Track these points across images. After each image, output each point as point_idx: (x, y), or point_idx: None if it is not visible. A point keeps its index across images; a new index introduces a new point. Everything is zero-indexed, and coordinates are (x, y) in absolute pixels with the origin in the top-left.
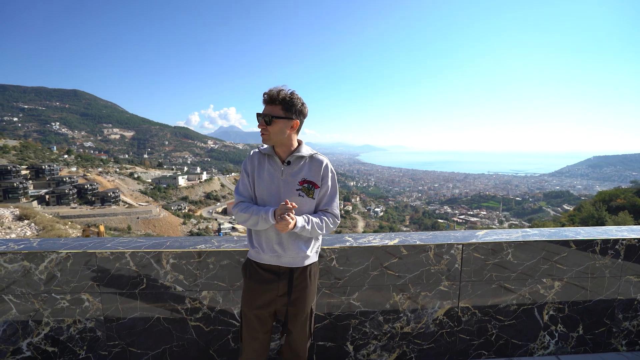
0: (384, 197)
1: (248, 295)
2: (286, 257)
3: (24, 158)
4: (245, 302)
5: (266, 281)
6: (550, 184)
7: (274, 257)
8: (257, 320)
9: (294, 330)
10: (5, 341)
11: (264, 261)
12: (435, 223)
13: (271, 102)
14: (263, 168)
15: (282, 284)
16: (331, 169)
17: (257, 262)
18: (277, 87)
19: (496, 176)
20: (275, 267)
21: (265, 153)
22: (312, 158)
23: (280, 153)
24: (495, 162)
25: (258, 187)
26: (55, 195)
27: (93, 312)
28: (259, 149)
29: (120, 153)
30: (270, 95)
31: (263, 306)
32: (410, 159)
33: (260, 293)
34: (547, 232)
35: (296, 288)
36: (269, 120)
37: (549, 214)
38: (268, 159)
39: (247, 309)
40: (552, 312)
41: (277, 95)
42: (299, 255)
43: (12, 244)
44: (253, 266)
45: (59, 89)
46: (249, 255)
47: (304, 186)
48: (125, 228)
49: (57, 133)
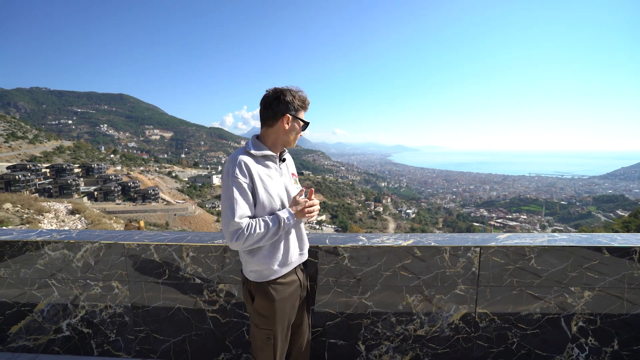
0: (416, 198)
1: (280, 314)
2: (306, 247)
3: (76, 157)
4: (278, 322)
5: (294, 287)
6: (602, 187)
7: (301, 255)
8: (289, 329)
9: (303, 317)
10: (49, 320)
11: (291, 267)
12: (470, 226)
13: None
14: (267, 173)
15: (301, 275)
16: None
17: (282, 275)
18: (298, 89)
19: (538, 178)
20: (298, 267)
21: (261, 155)
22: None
23: (276, 151)
24: (538, 162)
25: (266, 196)
26: (102, 191)
27: (122, 298)
28: (249, 152)
29: (159, 153)
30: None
31: (295, 310)
32: (444, 159)
33: (292, 301)
34: (577, 237)
35: (307, 270)
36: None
37: (599, 220)
38: (265, 160)
39: (283, 326)
40: (581, 324)
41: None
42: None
43: (55, 234)
44: (277, 283)
45: (107, 94)
46: (268, 276)
47: (295, 178)
48: (164, 224)
49: (105, 134)
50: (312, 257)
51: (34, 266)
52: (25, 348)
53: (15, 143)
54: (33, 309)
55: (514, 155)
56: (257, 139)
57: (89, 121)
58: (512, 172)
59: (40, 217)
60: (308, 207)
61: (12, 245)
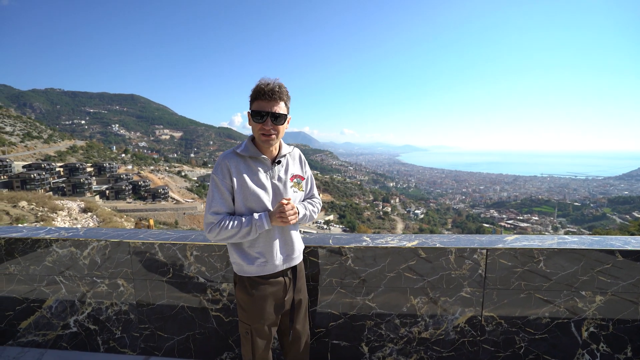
0: (425, 198)
1: (257, 311)
2: (295, 253)
3: (89, 157)
4: (254, 317)
5: (276, 288)
6: (617, 189)
7: (286, 259)
8: (269, 329)
9: (298, 321)
10: (57, 316)
11: (272, 270)
12: (480, 227)
13: (279, 98)
14: (249, 173)
15: (287, 279)
16: (303, 157)
17: (261, 275)
18: (272, 80)
19: (551, 179)
20: (284, 270)
21: (247, 155)
22: (290, 152)
23: (267, 153)
24: (550, 163)
25: (245, 197)
26: (114, 190)
27: (127, 296)
28: (236, 152)
29: (169, 152)
30: (274, 90)
31: (277, 312)
32: (453, 159)
33: (273, 301)
34: (588, 239)
35: (299, 275)
36: (284, 120)
37: (614, 222)
38: (253, 161)
39: (260, 324)
40: (592, 329)
41: (280, 90)
42: (302, 247)
43: (63, 231)
44: (255, 281)
45: (118, 94)
46: (247, 272)
47: (295, 181)
48: (173, 223)
49: (116, 134)
50: (313, 257)
51: (43, 263)
52: (34, 343)
53: (31, 143)
54: (42, 305)
55: (525, 156)
56: (251, 140)
57: (101, 121)
58: (524, 173)
59: (54, 215)
60: (280, 212)
61: (22, 242)
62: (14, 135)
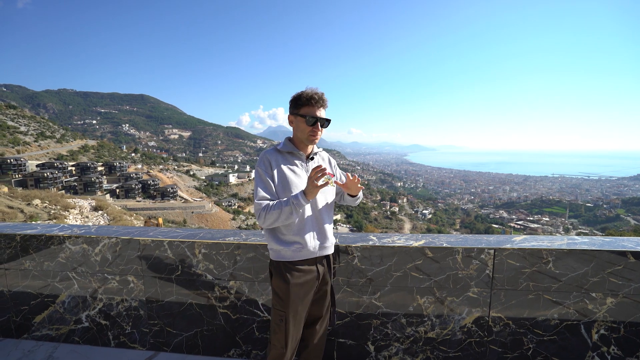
0: (433, 198)
1: (292, 297)
2: (328, 243)
3: (100, 156)
4: (290, 304)
5: (310, 276)
6: (632, 189)
7: (320, 247)
8: (302, 317)
9: (325, 310)
10: (70, 312)
11: (307, 256)
12: (489, 228)
13: (325, 105)
14: (288, 166)
15: (321, 267)
16: (334, 161)
17: (297, 260)
18: (317, 89)
19: (562, 179)
20: (318, 258)
21: (285, 151)
22: (319, 151)
23: (303, 149)
24: (561, 163)
25: (284, 186)
26: (124, 189)
27: (137, 292)
28: (276, 148)
29: (178, 152)
30: (324, 99)
31: (310, 299)
32: (461, 159)
33: (307, 289)
34: (599, 240)
35: (331, 265)
36: (329, 124)
37: (628, 223)
38: (290, 156)
39: (295, 311)
40: (603, 332)
41: (325, 99)
42: (333, 239)
43: (76, 229)
44: (291, 268)
45: (128, 94)
46: (284, 257)
47: (325, 177)
48: (181, 221)
49: (126, 134)
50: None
51: (56, 259)
52: (48, 337)
53: (44, 142)
54: (55, 300)
55: (536, 155)
56: (289, 139)
57: (111, 121)
58: (534, 173)
59: (66, 213)
60: (313, 174)
61: (37, 239)
62: (28, 134)
